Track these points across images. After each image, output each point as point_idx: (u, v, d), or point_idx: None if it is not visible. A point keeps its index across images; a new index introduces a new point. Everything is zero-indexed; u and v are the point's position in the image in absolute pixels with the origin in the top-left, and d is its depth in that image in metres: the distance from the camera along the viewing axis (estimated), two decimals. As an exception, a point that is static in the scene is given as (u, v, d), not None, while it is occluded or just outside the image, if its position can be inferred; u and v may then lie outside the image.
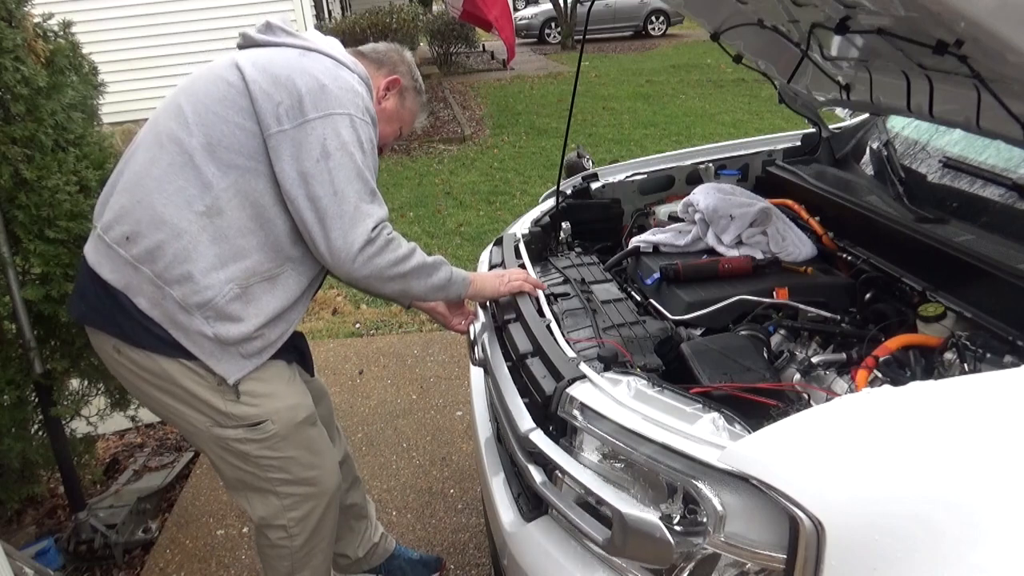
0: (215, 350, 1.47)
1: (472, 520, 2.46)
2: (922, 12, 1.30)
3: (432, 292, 1.59)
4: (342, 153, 1.42)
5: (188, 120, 1.45)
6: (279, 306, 1.51)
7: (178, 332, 1.46)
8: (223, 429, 1.54)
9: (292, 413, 1.58)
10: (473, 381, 1.97)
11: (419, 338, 3.81)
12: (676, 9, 12.17)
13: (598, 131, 8.66)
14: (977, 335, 1.37)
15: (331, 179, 1.41)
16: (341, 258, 1.43)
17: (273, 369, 1.56)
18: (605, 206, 2.36)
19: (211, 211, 1.43)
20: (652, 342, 1.53)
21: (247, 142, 1.43)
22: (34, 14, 2.18)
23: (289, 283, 1.52)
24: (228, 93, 1.44)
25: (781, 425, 1.02)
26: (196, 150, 1.44)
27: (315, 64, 1.47)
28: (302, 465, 1.63)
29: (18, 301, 2.10)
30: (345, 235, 1.42)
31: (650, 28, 18.58)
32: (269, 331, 1.51)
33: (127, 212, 1.47)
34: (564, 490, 1.25)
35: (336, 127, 1.42)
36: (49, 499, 2.67)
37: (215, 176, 1.43)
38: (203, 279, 1.43)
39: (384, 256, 1.47)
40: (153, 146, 1.48)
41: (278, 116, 1.42)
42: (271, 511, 1.65)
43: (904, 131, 2.18)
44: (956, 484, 0.92)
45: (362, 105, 1.48)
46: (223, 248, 1.45)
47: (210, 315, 1.45)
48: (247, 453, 1.57)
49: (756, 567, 1.01)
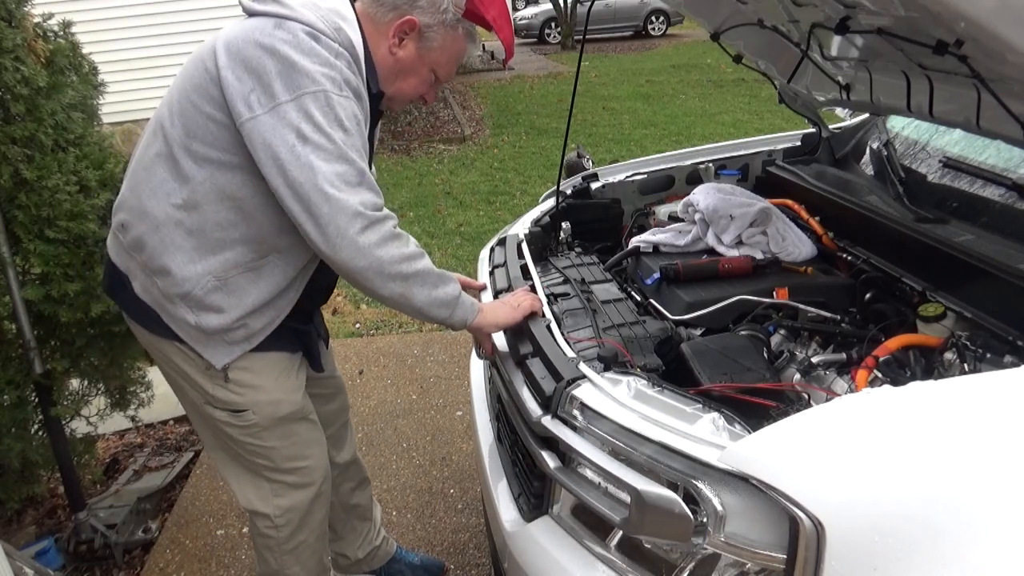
0: (200, 337, 1.49)
1: (472, 520, 2.46)
2: (922, 12, 1.30)
3: (435, 306, 1.45)
4: (319, 135, 1.32)
5: (173, 109, 1.42)
6: (264, 296, 1.49)
7: (167, 317, 1.49)
8: (212, 408, 1.57)
9: (273, 408, 1.58)
10: (473, 381, 1.97)
11: (419, 338, 3.81)
12: (676, 9, 12.16)
13: (598, 131, 8.66)
14: (977, 335, 1.37)
15: (310, 162, 1.31)
16: (338, 244, 1.33)
17: (265, 360, 1.55)
18: (605, 206, 2.36)
19: (187, 205, 1.41)
20: (652, 342, 1.53)
21: (220, 135, 1.37)
22: (34, 14, 2.18)
23: (275, 273, 1.49)
24: (203, 81, 1.37)
25: (781, 425, 1.02)
26: (175, 141, 1.40)
27: (287, 36, 1.34)
28: (284, 457, 1.63)
29: (18, 301, 2.10)
30: (335, 221, 1.31)
31: (650, 28, 18.57)
32: (253, 320, 1.50)
33: (124, 200, 1.50)
34: (560, 491, 1.25)
35: (308, 108, 1.31)
36: (49, 499, 2.66)
37: (191, 169, 1.40)
38: (179, 272, 1.43)
39: (386, 249, 1.36)
40: (149, 133, 1.47)
41: (248, 103, 1.32)
42: (258, 497, 1.66)
43: (904, 131, 2.18)
44: (956, 484, 0.92)
45: (339, 78, 1.36)
46: (200, 241, 1.43)
47: (192, 305, 1.46)
48: (232, 436, 1.60)
49: (756, 567, 1.01)
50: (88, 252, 2.09)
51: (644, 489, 1.05)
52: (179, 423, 3.26)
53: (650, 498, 1.05)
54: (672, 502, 1.03)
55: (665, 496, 1.04)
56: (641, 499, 1.05)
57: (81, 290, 2.08)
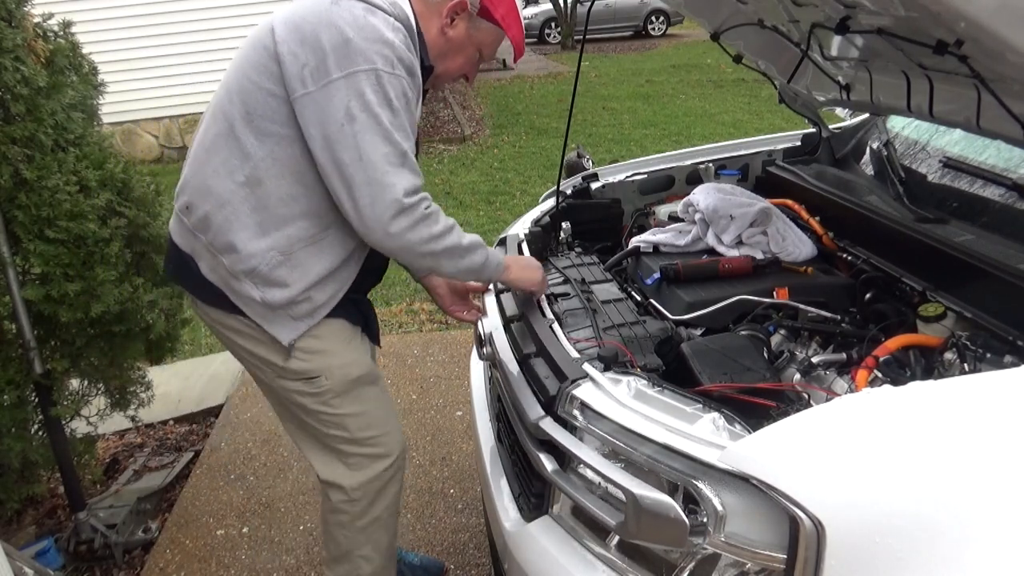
0: (266, 313, 1.52)
1: (472, 520, 2.46)
2: (922, 12, 1.30)
3: (463, 274, 1.56)
4: (367, 115, 1.35)
5: (232, 89, 1.46)
6: (325, 268, 1.52)
7: (233, 295, 1.52)
8: (285, 381, 1.59)
9: (345, 370, 1.60)
10: (473, 381, 1.97)
11: (419, 338, 3.81)
12: (676, 9, 12.14)
13: (598, 131, 8.66)
14: (977, 335, 1.37)
15: (356, 143, 1.35)
16: (371, 227, 1.39)
17: (331, 327, 1.58)
18: (605, 206, 2.36)
19: (251, 181, 1.45)
20: (652, 342, 1.53)
21: (279, 108, 1.41)
22: (34, 14, 2.18)
23: (335, 246, 1.52)
24: (262, 58, 1.42)
25: (781, 425, 1.02)
26: (236, 119, 1.44)
27: (343, 14, 1.38)
28: (359, 426, 1.64)
29: (18, 301, 2.11)
30: (374, 203, 1.37)
31: (650, 28, 18.57)
32: (317, 293, 1.53)
33: (187, 182, 1.53)
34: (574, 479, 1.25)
35: (359, 86, 1.35)
36: (49, 499, 2.67)
37: (253, 146, 1.44)
38: (245, 248, 1.47)
39: (418, 231, 1.41)
40: (210, 117, 1.51)
41: (303, 78, 1.37)
42: (334, 471, 1.68)
43: (904, 131, 2.18)
44: (956, 484, 0.92)
45: (392, 56, 1.38)
46: (264, 216, 1.47)
47: (257, 281, 1.49)
48: (305, 406, 1.61)
49: (756, 567, 1.01)
50: (88, 252, 2.09)
51: (641, 493, 1.05)
52: (179, 423, 3.26)
53: (646, 503, 1.05)
54: (668, 507, 1.03)
55: (662, 501, 1.04)
56: (637, 503, 1.05)
57: (81, 290, 2.08)
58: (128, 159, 2.35)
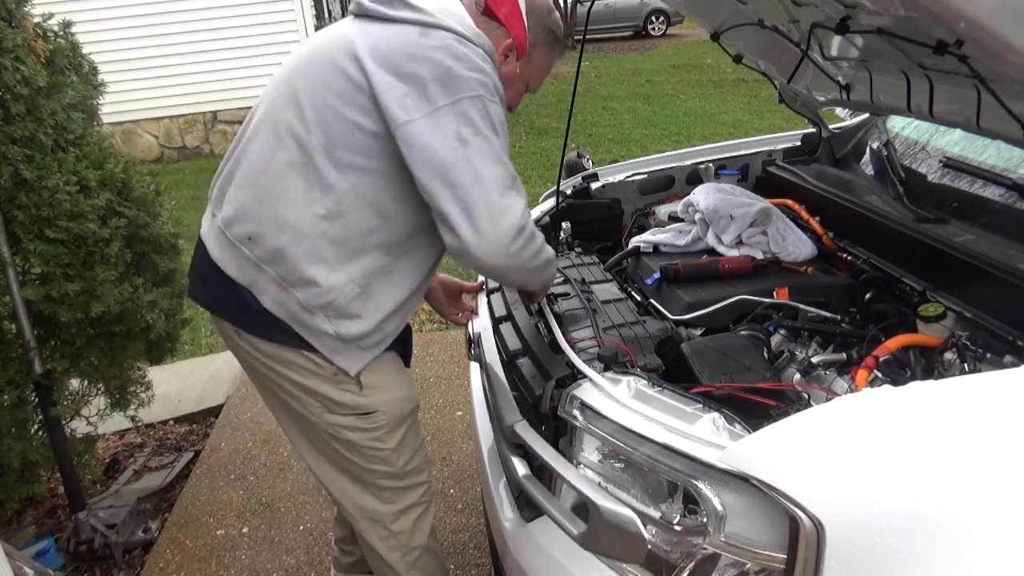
0: (336, 345, 1.47)
1: (472, 520, 2.46)
2: (922, 12, 1.30)
3: (544, 284, 1.60)
4: (479, 139, 1.35)
5: (306, 115, 1.40)
6: (398, 300, 1.50)
7: (300, 328, 1.46)
8: (333, 416, 1.53)
9: (402, 404, 1.58)
10: (473, 381, 1.97)
11: (419, 338, 3.81)
12: (676, 9, 12.14)
13: (598, 131, 8.66)
14: (977, 335, 1.37)
15: (471, 167, 1.34)
16: (491, 248, 1.35)
17: (384, 360, 1.56)
18: (605, 206, 2.36)
19: (331, 214, 1.40)
20: (652, 342, 1.53)
21: (366, 142, 1.38)
22: (34, 14, 2.18)
23: (406, 275, 1.51)
24: (347, 89, 1.37)
25: (781, 425, 1.01)
26: (316, 150, 1.39)
27: (437, 43, 1.37)
28: (404, 460, 1.62)
29: (18, 301, 2.11)
30: (495, 225, 1.34)
31: (650, 28, 18.56)
32: (388, 324, 1.51)
33: (248, 211, 1.44)
34: (561, 487, 1.25)
35: (468, 112, 1.35)
36: (49, 499, 2.67)
37: (335, 178, 1.39)
38: (325, 282, 1.42)
39: (529, 247, 1.42)
40: (272, 139, 1.43)
41: (405, 107, 1.34)
42: (370, 505, 1.65)
43: (904, 131, 2.18)
44: (956, 484, 0.92)
45: (491, 84, 1.40)
46: (342, 250, 1.43)
47: (331, 314, 1.44)
48: (353, 442, 1.56)
49: (756, 567, 1.01)
50: (88, 252, 2.09)
51: (604, 505, 1.05)
52: (179, 423, 3.26)
53: (608, 514, 1.05)
54: (629, 521, 1.04)
55: (623, 515, 1.04)
56: (600, 514, 1.05)
57: (81, 290, 2.08)
58: (128, 159, 2.34)
